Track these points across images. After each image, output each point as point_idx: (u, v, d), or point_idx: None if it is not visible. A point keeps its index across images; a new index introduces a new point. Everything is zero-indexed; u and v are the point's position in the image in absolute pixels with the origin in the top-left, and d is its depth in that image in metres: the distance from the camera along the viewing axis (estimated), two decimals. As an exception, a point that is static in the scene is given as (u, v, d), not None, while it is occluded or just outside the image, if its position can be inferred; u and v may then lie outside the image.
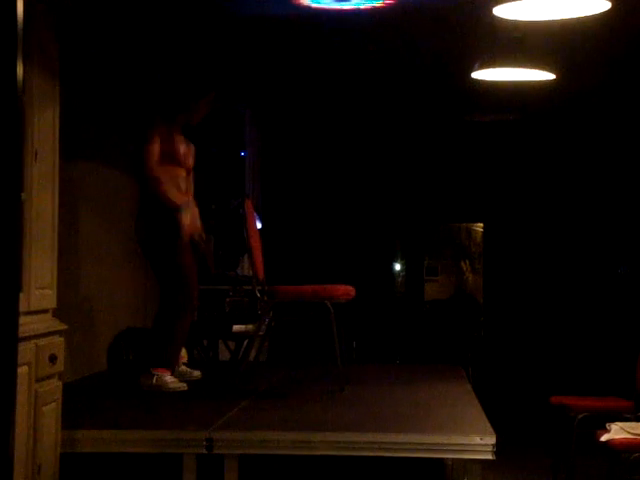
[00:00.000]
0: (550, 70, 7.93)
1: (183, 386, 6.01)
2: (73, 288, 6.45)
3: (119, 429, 4.75)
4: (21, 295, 2.51)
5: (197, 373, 6.48)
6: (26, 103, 2.30)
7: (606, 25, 6.42)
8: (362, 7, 6.32)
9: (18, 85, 2.23)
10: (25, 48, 2.34)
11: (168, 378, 5.98)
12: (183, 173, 6.18)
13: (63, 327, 4.40)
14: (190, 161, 6.25)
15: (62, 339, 4.38)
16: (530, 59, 7.66)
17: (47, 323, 4.28)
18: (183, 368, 6.45)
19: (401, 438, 4.59)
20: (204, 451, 4.54)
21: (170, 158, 6.05)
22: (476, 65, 7.52)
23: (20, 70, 2.24)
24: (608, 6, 5.97)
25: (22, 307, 3.32)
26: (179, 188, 6.10)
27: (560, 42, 7.07)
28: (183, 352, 6.54)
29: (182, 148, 6.16)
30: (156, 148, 5.99)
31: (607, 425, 5.90)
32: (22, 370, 3.82)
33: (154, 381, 5.95)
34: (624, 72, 8.34)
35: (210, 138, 8.94)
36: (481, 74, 8.00)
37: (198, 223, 6.17)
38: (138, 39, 7.02)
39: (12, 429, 2.30)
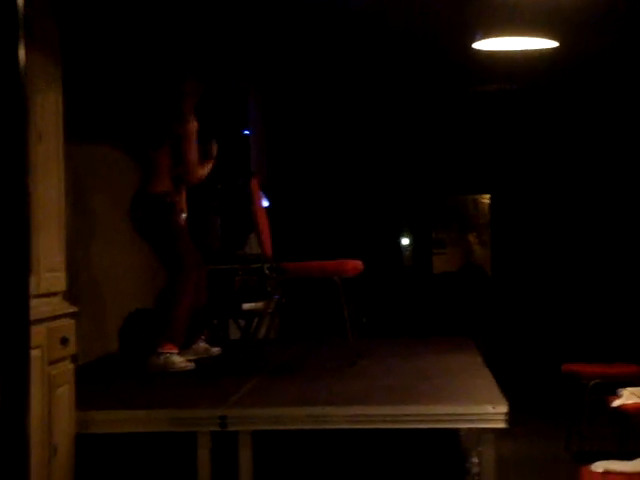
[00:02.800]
0: (552, 37, 7.92)
1: (191, 365, 6.04)
2: (82, 270, 6.48)
3: (133, 409, 4.78)
4: (31, 278, 2.52)
5: (216, 350, 6.54)
6: (29, 86, 2.31)
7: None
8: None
9: (21, 68, 2.23)
10: (26, 32, 2.34)
11: (176, 358, 6.01)
12: None
13: (73, 309, 4.42)
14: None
15: (73, 321, 4.40)
16: (531, 27, 7.65)
17: (57, 306, 4.30)
18: (203, 345, 6.50)
19: (413, 410, 4.62)
20: (218, 428, 4.57)
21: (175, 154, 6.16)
22: (477, 36, 7.51)
23: (22, 53, 2.24)
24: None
25: (32, 290, 3.33)
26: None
27: (561, 8, 7.03)
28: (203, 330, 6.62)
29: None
30: (167, 149, 6.11)
31: (618, 391, 5.92)
32: (35, 353, 3.84)
33: (162, 361, 5.98)
34: (628, 37, 8.30)
35: (213, 117, 8.93)
36: (482, 44, 8.00)
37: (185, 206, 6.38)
38: (138, 18, 7.01)
39: (27, 412, 2.31)
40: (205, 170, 6.43)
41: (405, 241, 12.10)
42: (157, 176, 6.16)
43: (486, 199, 12.08)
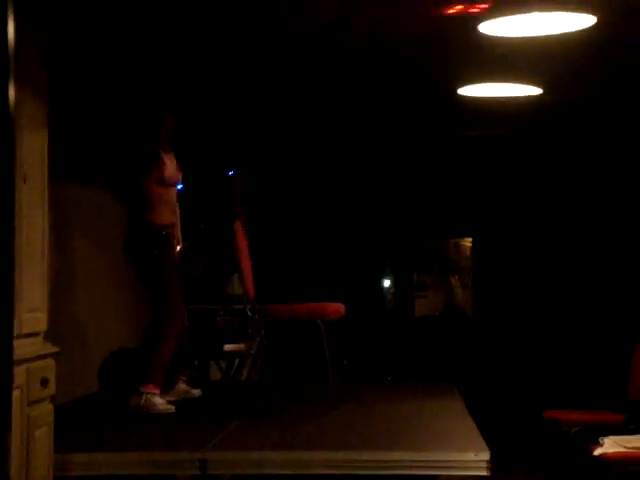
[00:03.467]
0: (536, 85, 7.99)
1: (171, 408, 6.00)
2: (65, 310, 6.43)
3: (112, 451, 4.73)
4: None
5: (197, 391, 6.51)
6: (16, 126, 2.30)
7: (591, 39, 6.46)
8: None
9: (10, 109, 2.23)
10: (15, 71, 2.34)
11: (157, 399, 5.97)
12: (174, 190, 6.29)
13: (54, 350, 4.38)
14: (180, 176, 6.36)
15: (54, 362, 4.35)
16: (516, 74, 7.72)
17: (38, 346, 4.25)
18: (183, 386, 6.47)
19: (395, 456, 4.59)
20: (198, 472, 4.53)
21: (165, 180, 6.17)
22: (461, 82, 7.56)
23: (12, 94, 2.24)
24: (593, 21, 6.01)
25: (13, 331, 3.31)
26: (171, 206, 6.25)
27: (545, 57, 7.10)
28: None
29: (172, 168, 6.25)
30: (155, 172, 6.12)
31: (600, 439, 5.90)
32: (14, 394, 3.78)
33: (142, 402, 5.94)
34: (610, 86, 8.37)
35: (199, 157, 8.94)
36: (468, 90, 8.06)
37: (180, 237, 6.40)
38: (123, 62, 7.03)
39: (8, 454, 2.29)
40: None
41: (387, 284, 12.10)
42: (153, 207, 6.15)
43: (468, 242, 12.11)
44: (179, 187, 6.51)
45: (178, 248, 6.39)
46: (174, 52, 7.03)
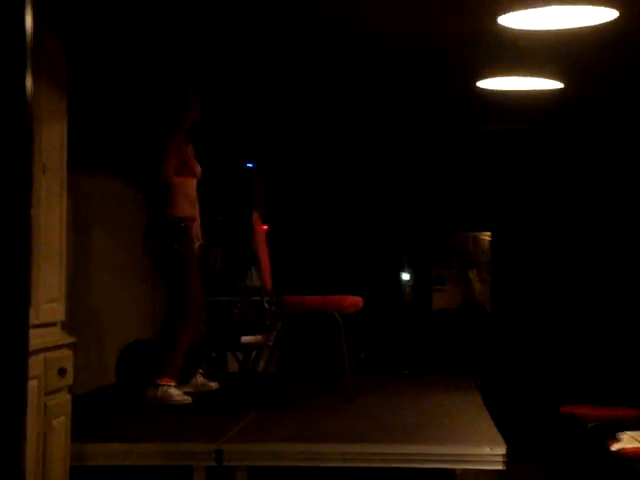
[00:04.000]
0: (557, 79, 7.95)
1: (187, 399, 6.01)
2: (82, 301, 6.46)
3: (128, 442, 4.75)
4: (30, 308, 2.51)
5: (214, 384, 6.52)
6: (34, 117, 2.31)
7: (614, 33, 6.42)
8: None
9: (27, 99, 2.23)
10: (33, 62, 2.34)
11: (173, 390, 5.98)
12: (194, 182, 6.27)
13: (72, 340, 4.40)
14: (199, 169, 6.34)
15: (71, 352, 4.37)
16: (536, 68, 7.68)
17: (56, 336, 4.27)
18: (201, 379, 6.48)
19: (411, 449, 4.59)
20: (213, 463, 4.54)
21: (183, 170, 6.15)
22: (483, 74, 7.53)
23: (30, 84, 2.24)
24: (615, 15, 5.98)
25: (31, 320, 3.32)
26: (190, 199, 6.19)
27: (567, 51, 7.06)
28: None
29: (193, 158, 6.25)
30: (173, 160, 6.09)
31: (617, 435, 5.88)
32: (32, 384, 3.81)
33: (159, 393, 5.95)
34: (632, 80, 8.33)
35: (218, 149, 8.95)
36: (487, 83, 8.03)
37: (200, 233, 6.28)
38: (143, 50, 7.03)
39: (23, 443, 2.29)
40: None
41: (405, 277, 12.09)
42: (171, 200, 6.12)
43: (487, 236, 12.08)
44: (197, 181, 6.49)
45: (198, 244, 6.36)
46: (196, 43, 7.03)
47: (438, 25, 6.45)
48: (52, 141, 4.20)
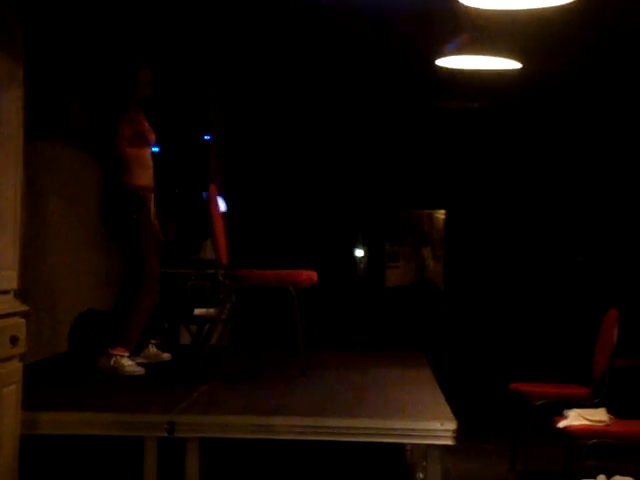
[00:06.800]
0: (515, 58, 7.99)
1: (140, 370, 6.01)
2: (36, 270, 6.42)
3: (80, 411, 4.74)
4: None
5: (167, 355, 6.52)
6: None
7: (573, 13, 6.46)
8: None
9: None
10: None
11: (125, 361, 5.98)
12: (149, 151, 6.25)
13: (24, 308, 4.38)
14: (153, 137, 6.31)
15: (23, 320, 4.35)
16: (495, 47, 7.71)
17: (8, 304, 4.25)
18: (154, 350, 6.47)
19: (361, 423, 4.62)
20: (165, 434, 4.55)
21: (139, 139, 6.13)
22: (446, 50, 7.55)
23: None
24: (574, -4, 6.02)
25: (-16, 288, 3.31)
26: (147, 168, 6.18)
27: (526, 30, 7.10)
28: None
29: (147, 126, 6.22)
30: (127, 131, 6.06)
31: (564, 412, 5.96)
32: (-17, 351, 3.80)
33: (112, 363, 5.95)
34: (589, 60, 8.39)
35: (174, 121, 8.91)
36: (446, 62, 8.06)
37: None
38: (98, 19, 6.97)
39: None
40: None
41: (359, 253, 12.13)
42: (128, 169, 6.10)
43: (441, 214, 12.15)
44: (154, 149, 6.47)
45: (154, 213, 6.33)
46: (150, 9, 6.97)
47: (399, 2, 6.45)
48: (7, 108, 4.16)
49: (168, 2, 6.75)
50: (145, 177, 6.20)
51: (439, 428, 4.48)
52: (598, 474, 5.35)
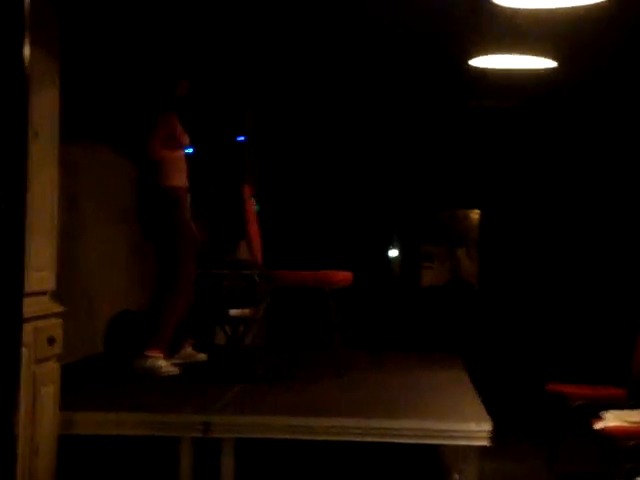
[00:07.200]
0: (551, 57, 7.94)
1: (175, 371, 6.03)
2: (72, 270, 6.45)
3: (116, 411, 4.76)
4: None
5: (202, 356, 6.54)
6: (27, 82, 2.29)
7: (607, 13, 6.41)
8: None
9: (25, 66, 2.22)
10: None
11: (161, 362, 6.00)
12: (183, 154, 6.28)
13: (61, 309, 4.40)
14: (187, 139, 6.34)
15: (60, 321, 4.37)
16: (530, 46, 7.67)
17: (45, 305, 4.27)
18: (189, 350, 6.49)
19: (397, 424, 4.61)
20: (200, 435, 4.55)
21: (172, 141, 6.16)
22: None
23: (27, 51, 2.23)
24: (609, -5, 5.97)
25: (22, 289, 3.31)
26: (181, 169, 6.21)
27: (560, 30, 7.05)
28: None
29: (180, 129, 6.25)
30: (162, 133, 6.10)
31: (601, 413, 5.92)
32: (22, 352, 3.81)
33: (147, 364, 5.97)
34: (624, 61, 8.32)
35: (209, 122, 8.93)
36: (481, 61, 8.02)
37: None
38: (137, 22, 7.00)
39: (16, 411, 2.30)
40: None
41: (394, 254, 12.10)
42: (163, 170, 6.13)
43: (476, 214, 12.10)
44: (188, 151, 6.49)
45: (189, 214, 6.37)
46: (189, 15, 6.99)
47: (435, 2, 6.42)
48: (44, 107, 4.16)
49: (207, 7, 6.76)
50: (180, 178, 6.23)
51: (475, 429, 4.47)
52: (636, 476, 5.30)
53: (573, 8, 6.27)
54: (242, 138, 10.15)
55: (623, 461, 5.66)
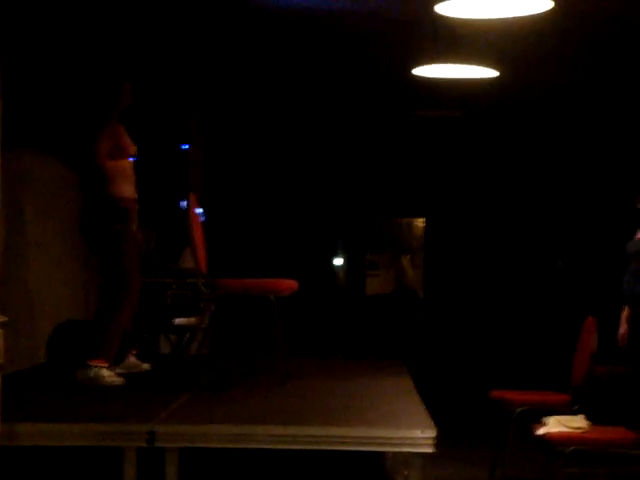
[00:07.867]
0: (493, 67, 8.03)
1: (120, 380, 5.99)
2: (14, 280, 6.39)
3: (59, 422, 4.71)
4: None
5: (146, 365, 6.49)
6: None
7: (549, 23, 6.50)
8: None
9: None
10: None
11: (105, 372, 5.95)
12: (130, 162, 6.23)
13: (3, 319, 4.36)
14: (133, 149, 6.30)
15: (2, 331, 4.33)
16: (472, 56, 7.75)
17: (-14, 315, 4.23)
18: (133, 360, 6.45)
19: (342, 431, 4.61)
20: (145, 444, 4.53)
21: (118, 151, 6.11)
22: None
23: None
24: (551, 5, 6.06)
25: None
26: (128, 179, 6.16)
27: (503, 40, 7.13)
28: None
29: (126, 138, 6.21)
30: (106, 143, 6.05)
31: (543, 419, 5.98)
32: (-39, 362, 3.78)
33: (91, 374, 5.92)
34: (566, 69, 8.44)
35: (152, 130, 8.89)
36: (424, 70, 8.09)
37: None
38: (77, 32, 6.97)
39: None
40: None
41: (339, 262, 12.13)
42: (110, 180, 6.07)
43: (421, 222, 12.17)
44: (133, 160, 6.45)
45: (136, 225, 6.30)
46: (130, 23, 6.98)
47: (377, 11, 6.47)
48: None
49: (146, 14, 6.75)
50: (128, 188, 6.17)
51: (419, 436, 4.48)
52: (577, 481, 5.37)
53: (515, 18, 6.36)
54: (186, 146, 10.12)
55: (564, 466, 5.72)
